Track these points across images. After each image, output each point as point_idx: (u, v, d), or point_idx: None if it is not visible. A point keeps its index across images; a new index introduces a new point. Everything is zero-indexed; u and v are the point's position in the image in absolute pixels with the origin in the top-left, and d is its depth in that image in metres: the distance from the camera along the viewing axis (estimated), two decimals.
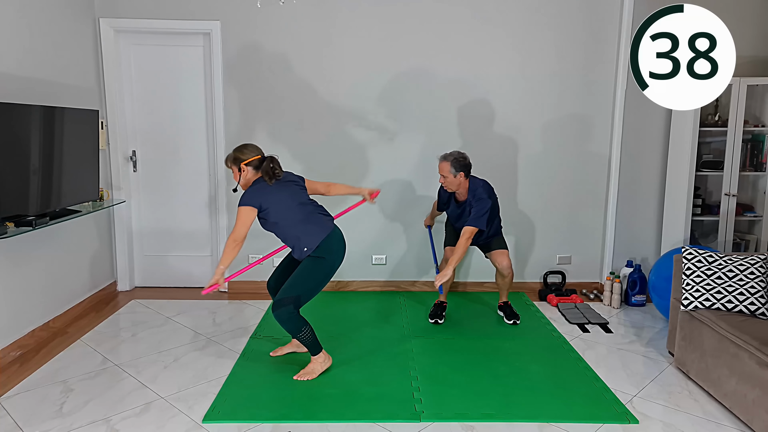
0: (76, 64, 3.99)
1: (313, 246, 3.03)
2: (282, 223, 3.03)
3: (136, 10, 4.24)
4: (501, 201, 3.93)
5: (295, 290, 2.98)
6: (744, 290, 2.97)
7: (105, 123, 4.31)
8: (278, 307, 2.95)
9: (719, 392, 2.84)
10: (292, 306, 2.96)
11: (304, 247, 3.03)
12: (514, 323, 3.89)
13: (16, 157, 3.08)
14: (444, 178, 3.64)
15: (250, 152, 3.08)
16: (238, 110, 4.36)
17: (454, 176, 3.61)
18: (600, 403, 2.85)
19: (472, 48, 4.32)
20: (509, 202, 4.48)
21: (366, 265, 4.59)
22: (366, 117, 4.40)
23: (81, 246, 4.08)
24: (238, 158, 3.07)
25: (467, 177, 3.67)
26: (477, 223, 3.57)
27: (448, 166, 3.60)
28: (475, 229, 3.56)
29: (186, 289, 4.59)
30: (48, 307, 3.70)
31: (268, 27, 4.28)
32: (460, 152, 3.65)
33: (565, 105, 4.41)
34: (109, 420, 2.67)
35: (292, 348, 3.38)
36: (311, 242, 3.03)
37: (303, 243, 3.03)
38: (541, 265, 4.64)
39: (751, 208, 4.31)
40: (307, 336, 3.03)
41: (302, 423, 2.66)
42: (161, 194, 4.56)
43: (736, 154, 4.03)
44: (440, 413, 2.73)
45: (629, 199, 4.47)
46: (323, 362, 3.11)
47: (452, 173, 3.60)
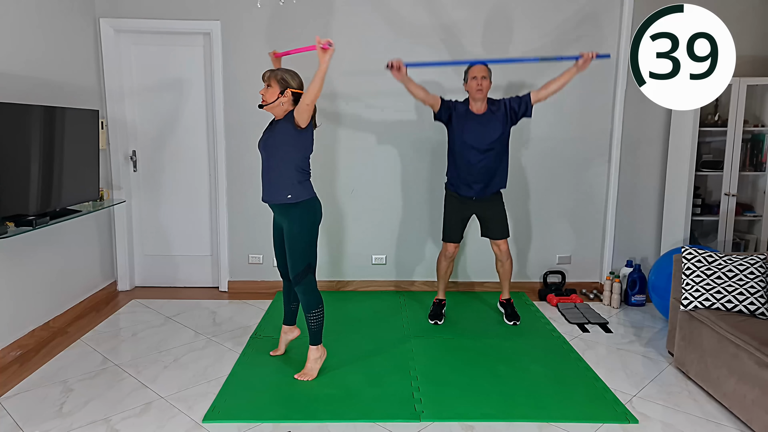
0: (76, 64, 3.99)
1: (299, 198, 2.91)
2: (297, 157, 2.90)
3: (136, 10, 4.24)
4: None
5: (301, 260, 2.96)
6: (744, 290, 2.97)
7: (105, 123, 4.31)
8: (298, 281, 2.97)
9: (719, 392, 2.84)
10: (311, 274, 2.99)
11: (289, 194, 2.91)
12: (515, 324, 3.89)
13: (17, 157, 3.08)
14: (485, 79, 3.53)
15: (298, 83, 2.92)
16: (238, 110, 4.37)
17: (490, 81, 3.56)
18: (600, 403, 2.85)
19: (472, 48, 4.32)
20: (509, 202, 4.46)
21: (366, 265, 4.59)
22: (367, 115, 4.40)
23: (81, 246, 4.08)
24: (287, 82, 2.88)
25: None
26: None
27: (486, 69, 3.54)
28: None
29: (186, 289, 4.60)
30: (48, 307, 3.70)
31: (268, 27, 4.28)
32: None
33: (564, 105, 4.41)
34: (109, 420, 2.67)
35: (285, 338, 3.35)
36: (299, 193, 2.92)
37: (291, 189, 2.91)
38: (541, 265, 4.64)
39: (751, 207, 4.31)
40: (318, 317, 3.04)
41: (302, 423, 2.66)
42: (161, 194, 4.56)
43: (736, 153, 4.03)
44: (440, 413, 2.74)
45: (629, 199, 4.47)
46: (320, 357, 3.11)
47: (489, 77, 3.55)
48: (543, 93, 3.59)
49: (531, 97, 3.61)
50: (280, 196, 2.93)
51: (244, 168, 4.41)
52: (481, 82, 3.54)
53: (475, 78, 3.56)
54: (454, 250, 3.89)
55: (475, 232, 3.92)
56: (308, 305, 3.02)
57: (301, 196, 2.94)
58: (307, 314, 3.04)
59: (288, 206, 2.94)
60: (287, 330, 3.36)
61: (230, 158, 4.42)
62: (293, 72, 2.93)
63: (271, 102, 2.89)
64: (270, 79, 2.89)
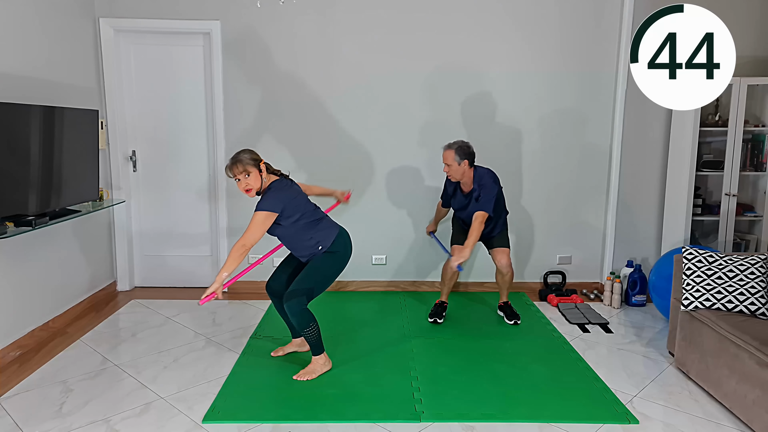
0: (75, 64, 3.98)
1: (329, 243, 3.03)
2: (299, 222, 2.97)
3: (135, 10, 4.24)
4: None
5: (309, 282, 2.99)
6: (744, 290, 2.96)
7: (105, 123, 4.31)
8: (291, 298, 2.96)
9: (719, 392, 2.83)
10: (305, 298, 2.99)
11: (319, 245, 3.02)
12: (515, 323, 3.89)
13: (16, 157, 3.08)
14: (448, 166, 3.63)
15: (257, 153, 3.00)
16: (238, 110, 4.36)
17: (459, 164, 3.60)
18: (600, 404, 2.85)
19: (472, 48, 4.32)
20: (509, 202, 4.46)
21: (366, 265, 4.59)
22: (367, 116, 4.40)
23: (81, 246, 4.07)
24: (257, 158, 2.93)
25: (471, 166, 3.66)
26: (487, 208, 3.57)
27: (453, 154, 3.59)
28: (486, 213, 3.56)
29: (186, 289, 4.59)
30: (48, 307, 3.70)
31: (268, 27, 4.27)
32: (464, 141, 3.65)
33: (565, 105, 4.41)
34: (109, 420, 2.66)
35: (293, 348, 3.38)
36: (326, 239, 3.03)
37: (317, 241, 3.01)
38: (542, 265, 4.64)
39: (752, 208, 4.31)
40: (313, 333, 3.04)
41: (302, 423, 2.65)
42: (161, 194, 4.55)
43: (737, 154, 4.03)
44: (440, 413, 2.73)
45: (629, 199, 4.47)
46: (324, 364, 3.11)
47: (456, 161, 3.59)
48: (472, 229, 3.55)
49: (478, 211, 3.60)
50: (313, 252, 3.03)
51: None
52: (447, 170, 3.66)
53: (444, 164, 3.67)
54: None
55: None
56: (300, 325, 3.02)
57: (329, 238, 3.02)
58: (301, 332, 3.06)
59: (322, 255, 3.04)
60: (299, 343, 3.37)
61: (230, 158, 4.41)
62: (245, 149, 2.98)
63: (261, 184, 2.94)
64: (244, 167, 2.88)
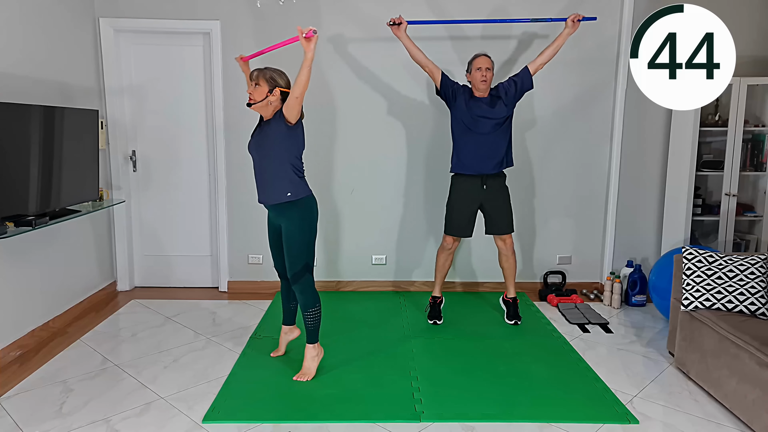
0: (75, 63, 3.98)
1: (298, 196, 2.92)
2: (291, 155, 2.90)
3: (136, 10, 4.24)
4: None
5: (300, 259, 2.97)
6: (744, 290, 2.96)
7: (105, 123, 4.31)
8: (296, 280, 2.98)
9: (719, 393, 2.83)
10: (308, 273, 3.00)
11: (288, 193, 2.90)
12: (515, 323, 3.88)
13: (16, 157, 3.08)
14: (489, 70, 3.60)
15: (286, 82, 2.92)
16: (238, 110, 4.36)
17: (493, 73, 3.63)
18: (600, 404, 2.85)
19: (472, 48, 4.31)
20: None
21: (366, 265, 4.59)
22: (367, 114, 4.39)
23: (81, 246, 4.07)
24: (276, 81, 2.87)
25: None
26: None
27: (491, 61, 3.62)
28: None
29: (186, 289, 4.59)
30: (48, 307, 3.69)
31: (268, 27, 4.28)
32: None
33: (565, 105, 4.41)
34: (109, 420, 2.67)
35: (285, 338, 3.36)
36: (297, 192, 2.92)
37: (289, 188, 2.90)
38: (541, 265, 4.64)
39: (752, 208, 4.31)
40: (315, 316, 3.05)
41: (302, 423, 2.65)
42: (161, 194, 4.55)
43: (737, 153, 4.03)
44: (440, 413, 2.73)
45: (629, 199, 4.47)
46: (317, 355, 3.11)
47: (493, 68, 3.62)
48: (539, 60, 3.67)
49: (529, 69, 3.68)
50: (279, 196, 2.92)
51: (243, 168, 4.40)
52: (486, 74, 3.59)
53: (479, 69, 3.60)
54: (453, 243, 3.88)
55: (476, 231, 3.91)
56: (305, 304, 3.03)
57: (300, 194, 2.94)
58: (304, 313, 3.06)
59: (286, 205, 2.93)
60: (287, 330, 3.36)
61: (230, 158, 4.41)
62: (281, 71, 2.94)
63: (260, 101, 2.87)
64: (258, 77, 2.87)
